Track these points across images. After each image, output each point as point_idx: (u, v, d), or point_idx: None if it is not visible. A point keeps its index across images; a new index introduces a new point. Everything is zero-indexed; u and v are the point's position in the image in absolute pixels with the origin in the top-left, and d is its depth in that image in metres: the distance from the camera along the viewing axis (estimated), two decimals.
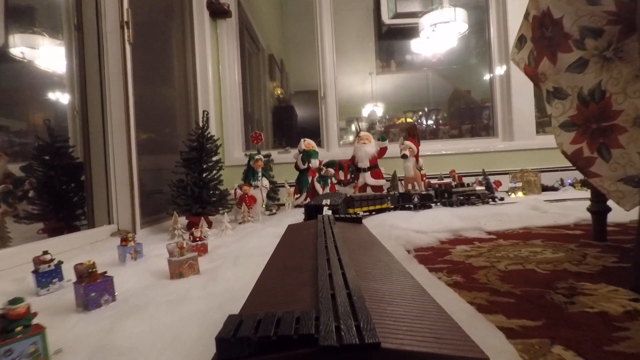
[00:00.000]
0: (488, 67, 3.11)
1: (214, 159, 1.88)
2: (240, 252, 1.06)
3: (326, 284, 0.36)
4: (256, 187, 2.12)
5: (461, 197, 2.07)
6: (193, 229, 1.15)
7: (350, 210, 1.83)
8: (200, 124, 1.85)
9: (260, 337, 0.26)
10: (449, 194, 2.09)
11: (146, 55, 2.12)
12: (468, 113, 3.64)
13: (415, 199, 2.02)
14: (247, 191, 1.99)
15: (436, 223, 1.45)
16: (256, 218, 2.05)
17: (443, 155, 2.93)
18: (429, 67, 3.56)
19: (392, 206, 2.01)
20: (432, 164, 2.76)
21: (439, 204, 2.09)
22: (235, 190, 2.05)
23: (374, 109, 3.73)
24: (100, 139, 1.73)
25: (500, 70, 3.02)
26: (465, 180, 2.33)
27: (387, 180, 2.56)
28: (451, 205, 2.05)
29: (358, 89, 3.66)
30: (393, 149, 2.59)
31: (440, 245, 1.19)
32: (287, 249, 0.60)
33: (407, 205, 2.01)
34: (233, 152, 2.94)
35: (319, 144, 2.77)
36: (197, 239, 1.14)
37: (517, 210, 1.80)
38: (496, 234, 1.32)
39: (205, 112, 1.88)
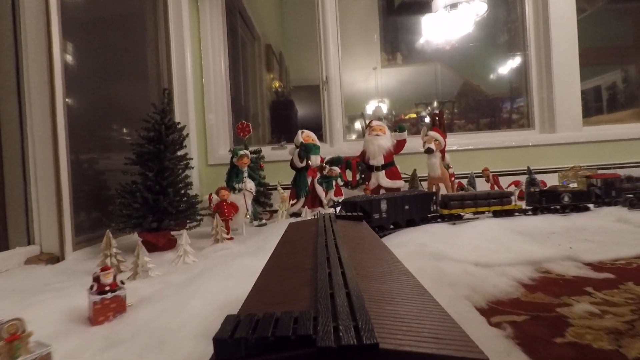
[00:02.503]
0: (515, 48, 2.60)
1: (179, 153, 1.39)
2: (172, 322, 0.56)
3: (325, 283, 0.35)
4: (239, 191, 1.63)
5: (631, 196, 1.55)
6: (100, 272, 0.65)
7: (445, 212, 1.49)
8: (160, 107, 1.35)
9: (258, 338, 0.25)
10: (617, 191, 1.60)
11: (103, 31, 1.64)
12: (486, 106, 3.23)
13: (566, 199, 1.53)
14: (225, 197, 1.50)
15: (501, 248, 0.95)
16: (239, 232, 1.56)
17: (468, 151, 2.43)
18: (442, 54, 3.11)
19: (529, 207, 1.54)
20: (453, 160, 2.25)
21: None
22: (211, 196, 1.56)
23: (379, 105, 3.36)
24: (15, 128, 1.24)
25: (537, 49, 2.51)
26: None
27: (405, 181, 2.07)
28: (616, 205, 1.56)
29: (361, 85, 3.34)
30: (411, 142, 2.11)
31: (527, 296, 0.68)
32: (287, 247, 0.57)
33: (552, 207, 1.53)
34: (218, 148, 2.45)
35: (320, 138, 2.29)
36: (107, 290, 0.65)
37: (595, 222, 1.30)
38: (605, 268, 0.82)
39: (166, 91, 1.38)
